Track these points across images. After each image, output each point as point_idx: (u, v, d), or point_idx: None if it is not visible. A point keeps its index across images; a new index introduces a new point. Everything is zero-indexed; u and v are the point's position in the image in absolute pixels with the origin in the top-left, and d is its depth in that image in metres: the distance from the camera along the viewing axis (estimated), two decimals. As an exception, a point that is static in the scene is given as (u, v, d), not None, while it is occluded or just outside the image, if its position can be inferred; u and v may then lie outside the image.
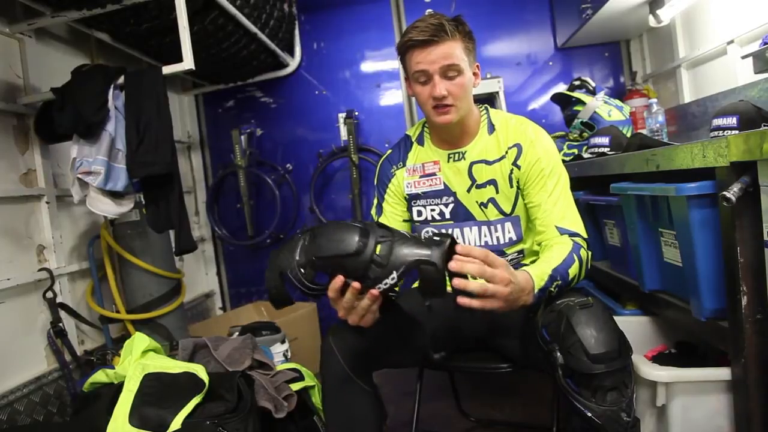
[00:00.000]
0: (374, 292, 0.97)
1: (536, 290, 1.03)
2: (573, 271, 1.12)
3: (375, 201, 1.45)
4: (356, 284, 0.96)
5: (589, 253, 1.20)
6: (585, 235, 1.21)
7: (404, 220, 1.42)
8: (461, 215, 1.33)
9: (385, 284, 0.95)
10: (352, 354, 1.17)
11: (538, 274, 1.05)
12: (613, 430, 0.95)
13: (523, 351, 1.25)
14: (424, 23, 1.18)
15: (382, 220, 1.41)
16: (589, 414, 0.96)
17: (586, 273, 1.18)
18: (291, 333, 2.26)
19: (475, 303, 0.93)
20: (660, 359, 1.38)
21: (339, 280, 0.97)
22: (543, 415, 1.79)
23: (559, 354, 1.01)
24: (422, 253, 0.93)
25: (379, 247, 0.95)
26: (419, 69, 1.21)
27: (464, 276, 0.93)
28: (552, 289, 1.08)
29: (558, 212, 1.22)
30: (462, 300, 0.92)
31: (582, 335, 0.99)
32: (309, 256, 0.97)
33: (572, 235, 1.20)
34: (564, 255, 1.13)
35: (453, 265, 0.92)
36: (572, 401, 0.99)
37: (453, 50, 1.19)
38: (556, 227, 1.21)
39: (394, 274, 0.94)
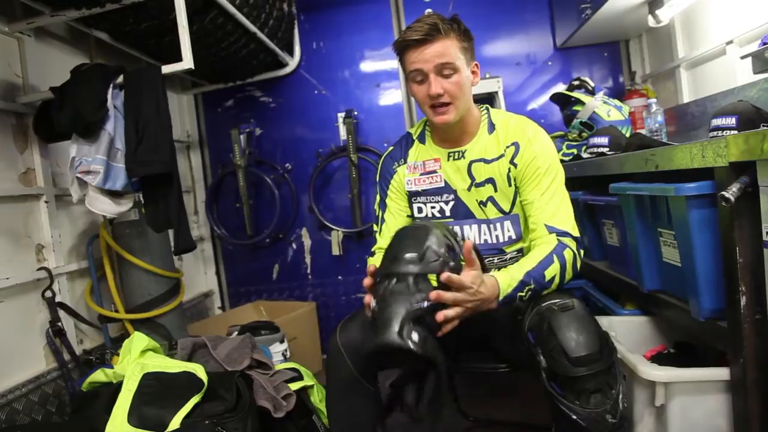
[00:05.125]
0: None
1: (501, 297, 1.06)
2: (551, 272, 1.12)
3: (377, 197, 1.46)
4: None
5: (579, 252, 1.20)
6: (575, 234, 1.21)
7: (408, 216, 1.42)
8: (461, 213, 1.34)
9: None
10: (359, 354, 1.16)
11: (506, 281, 1.08)
12: None
13: (514, 353, 1.25)
14: (419, 23, 1.20)
15: (387, 216, 1.41)
16: (574, 417, 0.96)
17: (574, 272, 1.18)
18: (290, 333, 2.26)
19: (451, 312, 0.99)
20: (659, 359, 1.38)
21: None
22: (542, 415, 1.78)
23: (542, 357, 1.01)
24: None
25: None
26: (415, 68, 1.22)
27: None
28: (522, 294, 1.09)
29: (549, 210, 1.22)
30: (439, 316, 0.98)
31: (562, 338, 1.00)
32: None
33: (561, 234, 1.20)
34: (541, 257, 1.14)
35: (439, 317, 0.97)
36: (557, 404, 0.99)
37: (447, 49, 1.19)
38: (546, 225, 1.21)
39: None
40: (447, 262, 1.00)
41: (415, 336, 0.92)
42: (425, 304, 0.95)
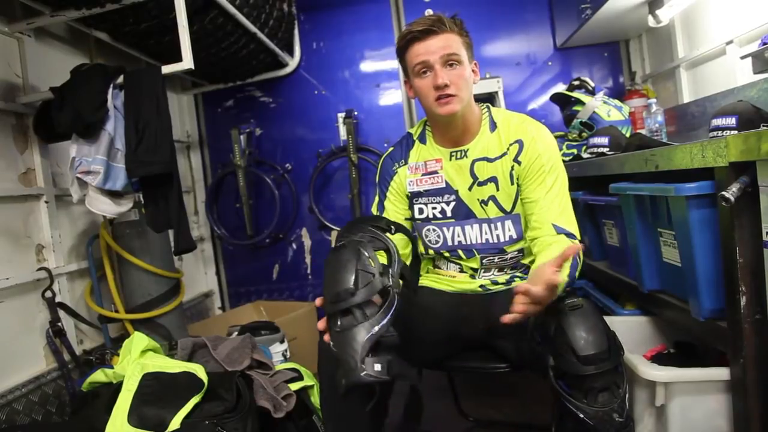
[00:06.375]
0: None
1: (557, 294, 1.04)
2: (577, 273, 1.12)
3: (376, 199, 1.45)
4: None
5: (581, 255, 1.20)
6: (579, 237, 1.21)
7: (406, 219, 1.41)
8: (462, 213, 1.34)
9: None
10: None
11: (563, 281, 1.04)
12: (606, 431, 0.95)
13: (518, 352, 1.25)
14: (422, 19, 1.23)
15: (385, 216, 1.40)
16: (582, 415, 0.96)
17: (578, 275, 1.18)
18: (290, 333, 2.25)
19: (520, 308, 0.95)
20: (659, 359, 1.38)
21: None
22: (543, 415, 1.79)
23: (549, 356, 1.01)
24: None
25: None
26: (420, 60, 1.22)
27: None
28: (561, 293, 1.08)
29: (555, 210, 1.22)
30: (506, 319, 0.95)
31: (571, 337, 0.99)
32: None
33: (568, 235, 1.20)
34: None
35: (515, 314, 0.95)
36: (564, 402, 0.99)
37: (452, 41, 1.21)
38: (553, 225, 1.21)
39: None
40: (384, 273, 1.00)
41: (377, 366, 0.93)
42: (377, 329, 0.95)
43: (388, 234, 1.12)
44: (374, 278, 0.98)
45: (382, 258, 1.06)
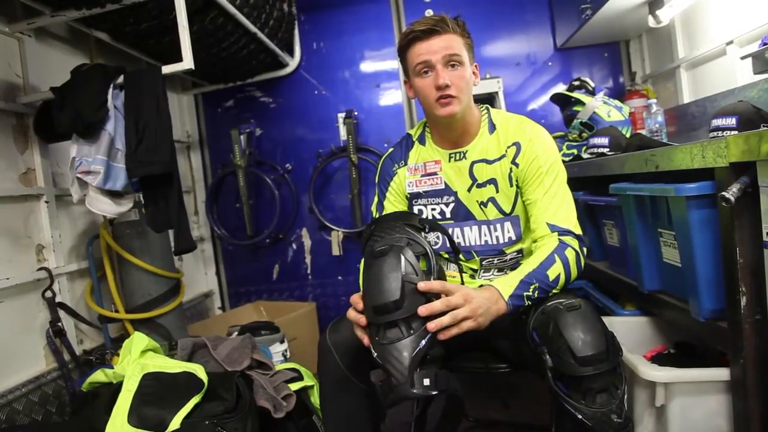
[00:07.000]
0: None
1: (506, 297, 1.06)
2: (554, 272, 1.12)
3: (376, 199, 1.45)
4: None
5: (582, 250, 1.19)
6: (577, 232, 1.21)
7: None
8: (461, 215, 1.34)
9: None
10: (349, 352, 1.17)
11: (505, 281, 1.09)
12: None
13: (517, 353, 1.25)
14: (425, 18, 1.23)
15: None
16: (580, 416, 0.96)
17: (579, 271, 1.18)
18: (290, 333, 2.26)
19: (445, 320, 0.98)
20: (659, 359, 1.38)
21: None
22: (542, 415, 1.79)
23: (547, 357, 1.02)
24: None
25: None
26: (421, 60, 1.22)
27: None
28: (530, 293, 1.09)
29: (552, 209, 1.22)
30: (431, 325, 0.97)
31: (569, 338, 0.99)
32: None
33: (563, 233, 1.20)
34: (542, 259, 1.14)
35: (422, 311, 0.97)
36: (562, 403, 0.99)
37: (454, 42, 1.22)
38: (548, 224, 1.21)
39: None
40: (428, 279, 1.01)
41: (426, 381, 0.94)
42: (423, 342, 0.95)
43: (423, 234, 1.11)
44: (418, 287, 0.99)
45: (421, 262, 1.05)
